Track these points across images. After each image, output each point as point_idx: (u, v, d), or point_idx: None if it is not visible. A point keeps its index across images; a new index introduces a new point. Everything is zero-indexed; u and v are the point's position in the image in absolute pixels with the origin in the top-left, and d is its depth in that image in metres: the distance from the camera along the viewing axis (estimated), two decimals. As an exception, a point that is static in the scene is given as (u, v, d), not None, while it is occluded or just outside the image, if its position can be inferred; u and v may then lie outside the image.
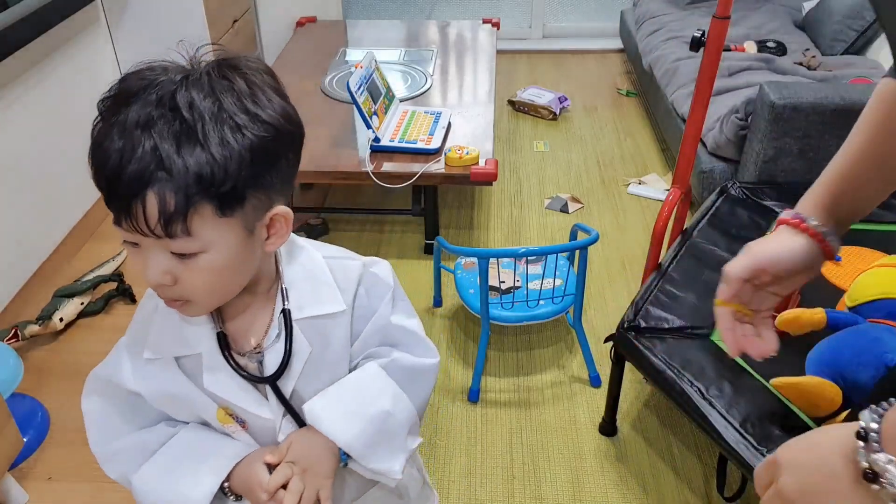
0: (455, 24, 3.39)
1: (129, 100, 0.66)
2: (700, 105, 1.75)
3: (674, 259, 1.78)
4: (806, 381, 1.27)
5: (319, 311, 0.83)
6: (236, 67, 0.69)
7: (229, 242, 0.71)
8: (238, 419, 0.84)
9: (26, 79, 2.24)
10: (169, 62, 0.70)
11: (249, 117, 0.67)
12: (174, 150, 0.64)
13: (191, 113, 0.65)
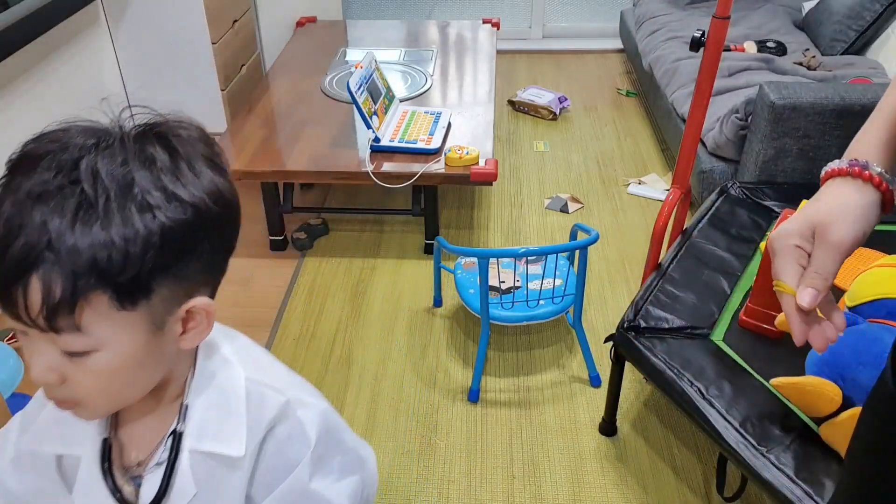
0: (455, 24, 3.39)
1: (32, 166, 0.57)
2: (700, 105, 1.75)
3: (674, 259, 1.78)
4: (806, 381, 1.27)
5: (216, 449, 0.68)
6: (162, 135, 0.61)
7: (130, 340, 0.60)
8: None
9: (26, 79, 2.24)
10: (89, 123, 0.60)
11: (165, 196, 0.57)
12: (67, 228, 0.54)
13: (93, 186, 0.55)
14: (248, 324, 2.19)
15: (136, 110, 0.63)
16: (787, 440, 1.30)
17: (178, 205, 0.58)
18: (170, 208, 0.57)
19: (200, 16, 2.63)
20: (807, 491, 1.21)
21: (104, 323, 0.58)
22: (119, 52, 2.73)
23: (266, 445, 0.70)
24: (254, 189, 2.63)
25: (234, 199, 0.64)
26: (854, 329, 1.33)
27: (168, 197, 0.57)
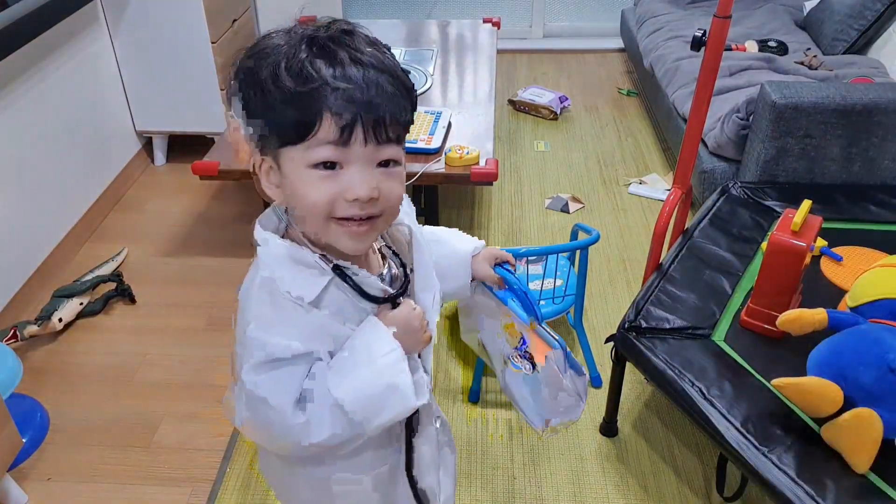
0: (455, 24, 3.38)
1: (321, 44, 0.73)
2: (701, 105, 1.75)
3: (675, 259, 1.77)
4: (807, 381, 1.26)
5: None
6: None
7: (404, 162, 0.79)
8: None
9: (26, 78, 2.24)
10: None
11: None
12: (398, 69, 0.75)
13: (376, 43, 0.77)
14: (248, 324, 2.19)
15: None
16: (788, 441, 1.30)
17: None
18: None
19: (200, 15, 2.63)
20: (808, 491, 1.21)
21: (402, 142, 0.78)
22: (118, 52, 2.73)
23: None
24: (253, 189, 2.62)
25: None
26: (855, 330, 1.32)
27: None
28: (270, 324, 0.79)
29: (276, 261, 0.79)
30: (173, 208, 2.75)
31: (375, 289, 0.84)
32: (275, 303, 0.79)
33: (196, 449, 1.80)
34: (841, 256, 1.74)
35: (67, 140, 2.48)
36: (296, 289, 0.78)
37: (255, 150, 0.78)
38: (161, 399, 1.94)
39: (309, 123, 0.71)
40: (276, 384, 0.79)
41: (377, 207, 0.76)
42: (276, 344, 0.78)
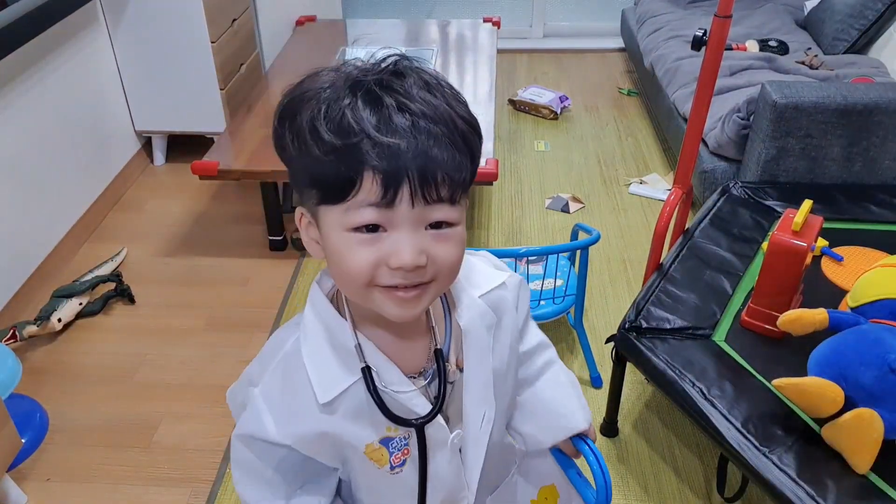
0: (455, 24, 3.38)
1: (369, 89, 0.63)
2: (701, 104, 1.75)
3: (675, 259, 1.77)
4: (807, 381, 1.26)
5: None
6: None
7: (464, 220, 0.68)
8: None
9: (25, 78, 2.24)
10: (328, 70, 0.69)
11: (462, 97, 0.69)
12: (455, 114, 0.64)
13: (436, 82, 0.65)
14: (248, 324, 2.19)
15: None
16: (788, 441, 1.30)
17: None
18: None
19: (199, 15, 2.63)
20: (809, 492, 1.20)
21: (462, 200, 0.67)
22: (118, 52, 2.73)
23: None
24: (253, 189, 2.63)
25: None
26: (856, 330, 1.32)
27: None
28: (274, 405, 0.75)
29: (315, 332, 0.74)
30: (173, 208, 2.75)
31: (402, 406, 0.74)
32: (287, 383, 0.75)
33: (195, 449, 1.80)
34: (842, 256, 1.74)
35: (67, 140, 2.48)
36: (318, 379, 0.73)
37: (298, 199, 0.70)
38: (160, 399, 1.94)
39: (348, 182, 0.61)
40: (254, 461, 0.79)
41: (426, 275, 0.66)
42: (266, 428, 0.75)
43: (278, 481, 0.79)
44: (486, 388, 0.79)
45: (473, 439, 0.80)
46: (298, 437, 0.75)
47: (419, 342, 0.77)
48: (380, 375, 0.73)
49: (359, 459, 0.78)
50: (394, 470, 0.78)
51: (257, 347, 0.79)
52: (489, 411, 0.80)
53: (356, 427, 0.75)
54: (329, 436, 0.75)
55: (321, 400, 0.72)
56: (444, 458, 0.79)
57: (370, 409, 0.74)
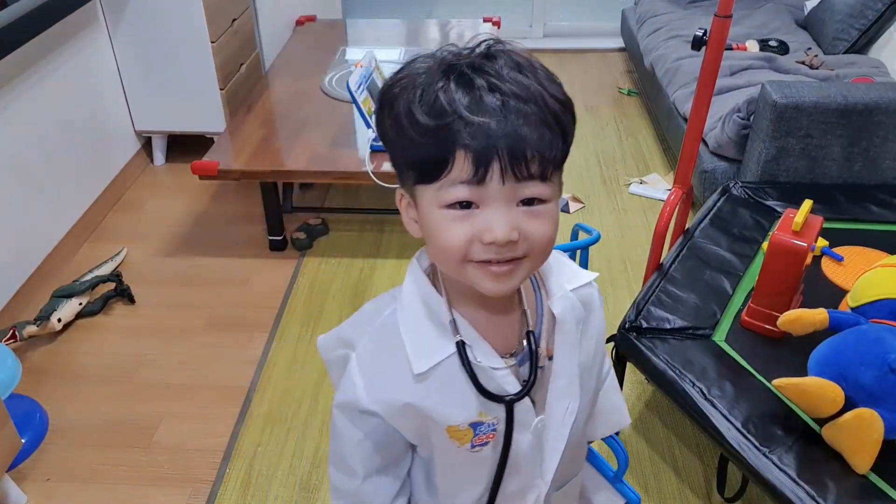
0: (455, 24, 3.38)
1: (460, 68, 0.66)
2: (702, 104, 1.74)
3: (675, 259, 1.77)
4: (808, 381, 1.26)
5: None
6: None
7: (557, 197, 0.69)
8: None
9: (25, 78, 2.23)
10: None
11: (555, 76, 0.71)
12: (546, 84, 0.67)
13: (527, 64, 0.67)
14: (248, 324, 2.19)
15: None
16: (789, 441, 1.30)
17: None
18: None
19: (199, 15, 2.62)
20: (809, 492, 1.20)
21: (555, 177, 0.69)
22: (117, 52, 2.73)
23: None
24: (253, 189, 2.62)
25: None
26: (856, 330, 1.32)
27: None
28: (367, 371, 0.78)
29: (411, 305, 0.77)
30: (173, 208, 2.74)
31: (495, 383, 0.76)
32: (382, 351, 0.77)
33: (195, 449, 1.80)
34: (842, 256, 1.74)
35: (66, 140, 2.48)
36: (413, 350, 0.75)
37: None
38: (160, 399, 1.94)
39: (441, 161, 0.64)
40: (345, 428, 0.81)
41: (519, 250, 0.67)
42: (358, 394, 0.78)
43: (359, 457, 0.81)
44: (572, 380, 0.81)
45: (555, 429, 0.82)
46: (387, 405, 0.77)
47: (512, 323, 0.79)
48: (473, 351, 0.75)
49: (439, 437, 0.79)
50: (473, 448, 0.79)
51: (257, 347, 0.80)
52: (573, 403, 0.82)
53: (445, 404, 0.76)
54: (417, 408, 0.76)
55: (416, 370, 0.74)
56: (526, 441, 0.80)
57: (462, 385, 0.75)
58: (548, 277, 0.81)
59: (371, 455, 0.81)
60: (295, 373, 2.00)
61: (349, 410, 0.79)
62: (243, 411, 1.90)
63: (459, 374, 0.75)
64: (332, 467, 0.85)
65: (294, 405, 1.91)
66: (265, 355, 2.06)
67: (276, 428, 1.84)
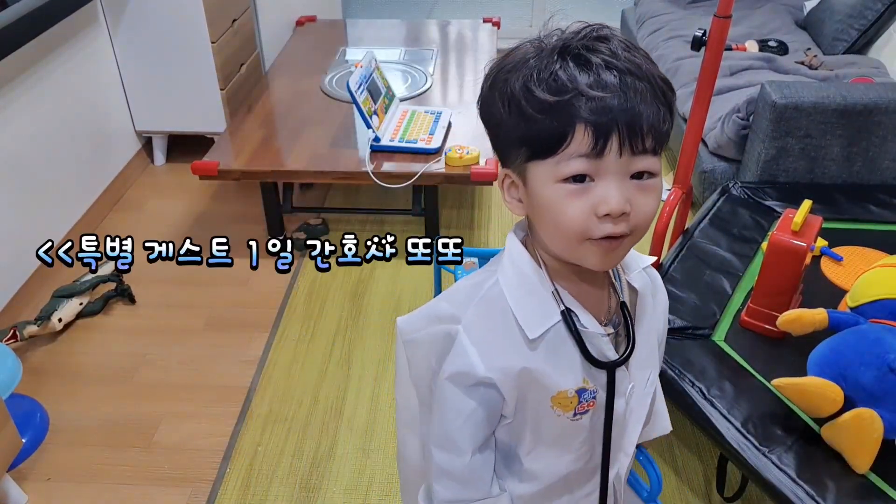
0: (455, 24, 3.38)
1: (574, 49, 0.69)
2: (701, 104, 1.75)
3: (675, 259, 1.77)
4: (807, 381, 1.26)
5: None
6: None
7: (661, 174, 0.72)
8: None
9: (25, 78, 2.24)
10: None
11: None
12: (654, 69, 0.68)
13: (632, 47, 0.70)
14: (248, 324, 2.19)
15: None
16: (788, 441, 1.30)
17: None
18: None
19: (200, 15, 2.63)
20: (809, 492, 1.21)
21: (661, 152, 0.71)
22: (118, 52, 2.73)
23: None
24: (253, 189, 2.62)
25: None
26: (856, 329, 1.32)
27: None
28: (479, 340, 0.78)
29: (514, 276, 0.79)
30: (173, 208, 2.75)
31: (597, 349, 0.79)
32: (492, 320, 0.78)
33: (196, 449, 1.80)
34: (841, 256, 1.74)
35: (67, 140, 2.48)
36: (523, 316, 0.77)
37: (500, 163, 0.77)
38: (160, 399, 1.94)
39: (561, 135, 0.67)
40: (456, 400, 0.81)
41: (627, 225, 0.70)
42: (472, 362, 0.78)
43: (469, 432, 0.82)
44: (651, 350, 0.86)
45: (638, 398, 0.85)
46: (503, 372, 0.78)
47: (603, 296, 0.82)
48: (578, 319, 0.78)
49: (541, 406, 0.80)
50: (575, 417, 0.81)
51: (257, 347, 0.79)
52: (654, 374, 0.86)
53: (555, 370, 0.79)
54: (531, 373, 0.78)
55: (530, 335, 0.77)
56: (622, 407, 0.83)
57: (569, 351, 0.78)
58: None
59: (479, 428, 0.82)
60: (295, 373, 2.00)
61: (463, 382, 0.80)
62: (243, 411, 1.90)
63: (566, 341, 0.78)
64: (437, 448, 0.85)
65: (294, 405, 1.91)
66: (265, 355, 2.06)
67: (276, 428, 1.85)
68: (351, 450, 1.78)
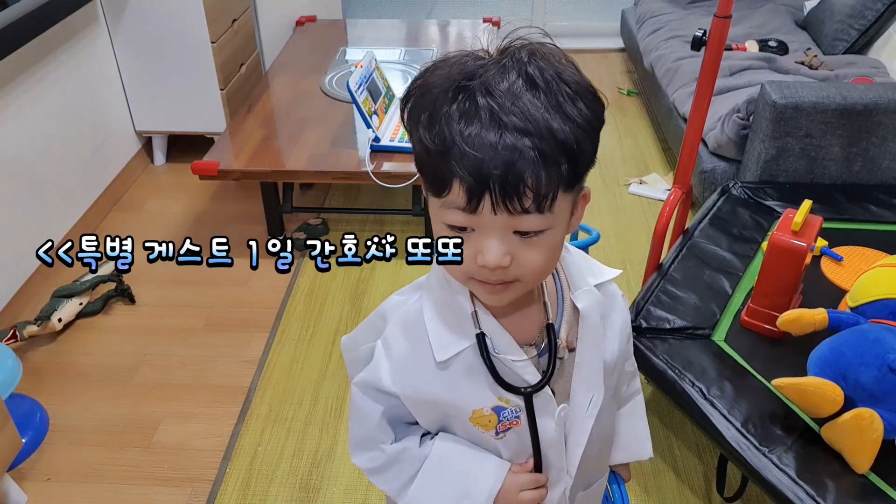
0: (455, 24, 3.38)
1: (464, 83, 0.65)
2: (701, 104, 1.75)
3: (675, 259, 1.77)
4: (807, 381, 1.26)
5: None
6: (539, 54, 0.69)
7: (565, 219, 0.70)
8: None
9: (25, 78, 2.24)
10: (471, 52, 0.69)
11: (585, 87, 0.67)
12: (545, 118, 0.63)
13: (544, 82, 0.64)
14: (248, 324, 2.19)
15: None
16: (788, 441, 1.30)
17: (594, 95, 0.68)
18: (591, 98, 0.68)
19: (199, 15, 2.62)
20: (809, 492, 1.21)
21: (560, 203, 0.67)
22: (117, 52, 2.73)
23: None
24: (253, 189, 2.62)
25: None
26: (856, 329, 1.32)
27: (586, 89, 0.67)
28: (392, 356, 0.81)
29: (437, 296, 0.79)
30: (173, 208, 2.75)
31: (513, 374, 0.78)
32: (407, 338, 0.80)
33: (195, 449, 1.80)
34: (841, 256, 1.74)
35: (67, 140, 2.48)
36: (436, 338, 0.78)
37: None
38: (160, 399, 1.94)
39: (442, 184, 0.66)
40: (366, 405, 0.83)
41: (510, 275, 0.70)
42: (381, 376, 0.81)
43: (386, 429, 0.84)
44: (596, 373, 0.83)
45: (579, 420, 0.83)
46: (410, 390, 0.80)
47: (532, 315, 0.81)
48: (493, 342, 0.77)
49: (461, 426, 0.81)
50: (498, 435, 0.81)
51: (257, 347, 0.80)
52: (597, 396, 0.83)
53: (467, 391, 0.79)
54: (438, 396, 0.79)
55: (438, 358, 0.77)
56: (550, 429, 0.82)
57: (482, 374, 0.78)
58: (570, 272, 0.83)
59: (396, 424, 0.84)
60: (295, 373, 2.00)
61: (370, 388, 0.82)
62: (243, 411, 1.90)
63: (480, 365, 0.77)
64: (359, 451, 0.87)
65: (294, 405, 1.91)
66: (265, 355, 2.06)
67: (276, 428, 1.85)
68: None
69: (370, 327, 0.86)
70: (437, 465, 0.83)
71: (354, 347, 0.88)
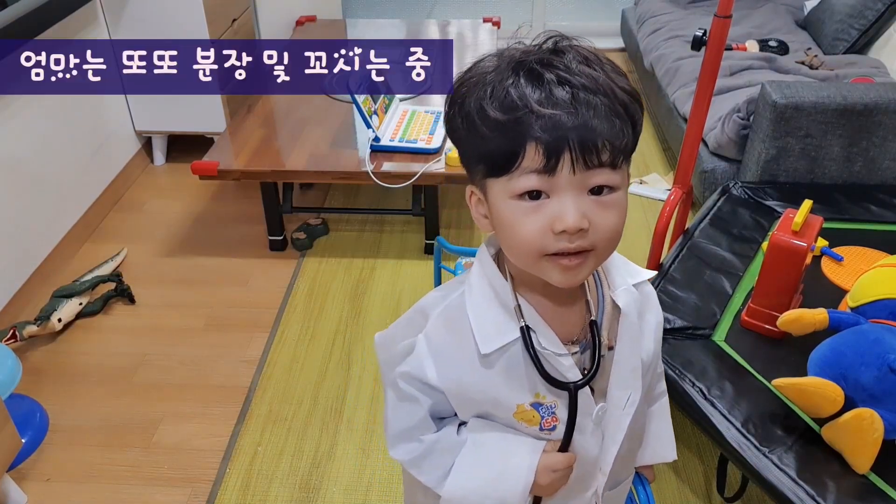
0: (455, 24, 3.38)
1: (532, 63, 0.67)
2: (701, 104, 1.75)
3: (675, 259, 1.77)
4: (807, 381, 1.26)
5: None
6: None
7: (626, 186, 0.71)
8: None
9: (25, 78, 2.24)
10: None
11: (623, 71, 0.71)
12: (613, 80, 0.67)
13: (596, 59, 0.69)
14: (248, 324, 2.19)
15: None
16: (788, 441, 1.30)
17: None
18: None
19: (199, 15, 2.62)
20: (809, 492, 1.20)
21: (625, 167, 0.70)
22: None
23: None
24: (253, 189, 2.62)
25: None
26: (856, 329, 1.32)
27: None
28: (436, 350, 0.80)
29: (479, 290, 0.79)
30: (173, 208, 2.75)
31: (556, 369, 0.78)
32: (450, 332, 0.80)
33: (195, 449, 1.80)
34: (842, 256, 1.74)
35: (66, 140, 2.48)
36: (480, 331, 0.77)
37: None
38: (160, 399, 1.94)
39: (513, 153, 0.67)
40: (411, 395, 0.83)
41: (587, 240, 0.69)
42: (426, 372, 0.81)
43: (429, 423, 0.84)
44: (634, 371, 0.83)
45: (615, 419, 0.83)
46: (454, 384, 0.80)
47: (574, 312, 0.81)
48: (538, 336, 0.77)
49: (506, 420, 0.81)
50: (542, 431, 0.81)
51: (257, 347, 0.80)
52: (634, 394, 0.83)
53: (509, 386, 0.78)
54: (482, 390, 0.79)
55: (483, 351, 0.77)
56: (588, 429, 0.82)
57: (525, 369, 0.78)
58: (609, 271, 0.83)
59: (437, 418, 0.85)
60: (295, 373, 2.00)
61: (415, 380, 0.82)
62: (243, 411, 1.90)
63: (525, 358, 0.77)
64: (398, 443, 0.86)
65: (294, 405, 1.91)
66: (265, 355, 2.06)
67: (276, 428, 1.84)
68: (351, 450, 1.78)
69: (409, 323, 0.85)
70: (474, 449, 0.83)
71: (392, 344, 0.87)
